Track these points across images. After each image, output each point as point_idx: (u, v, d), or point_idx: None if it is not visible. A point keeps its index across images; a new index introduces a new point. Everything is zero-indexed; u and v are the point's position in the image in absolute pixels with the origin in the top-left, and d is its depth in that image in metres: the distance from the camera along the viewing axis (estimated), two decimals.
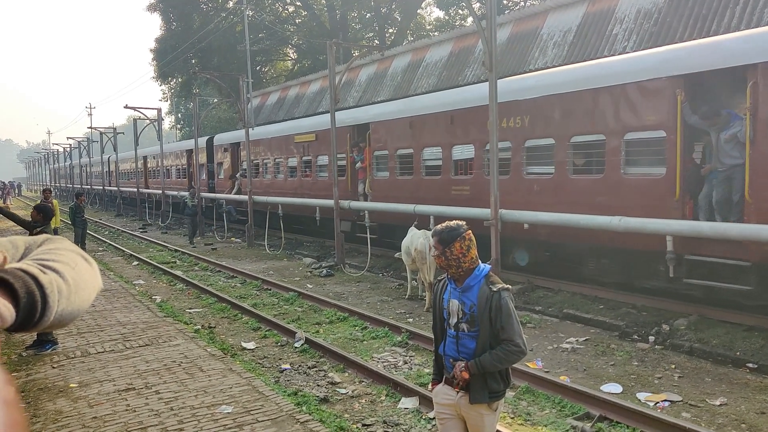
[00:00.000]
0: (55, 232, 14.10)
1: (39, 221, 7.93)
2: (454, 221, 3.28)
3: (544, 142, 10.21)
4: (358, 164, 15.27)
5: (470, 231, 3.22)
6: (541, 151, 10.31)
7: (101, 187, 42.87)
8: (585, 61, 12.66)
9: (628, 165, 8.94)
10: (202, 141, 26.08)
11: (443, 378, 3.33)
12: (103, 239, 21.40)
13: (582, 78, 9.65)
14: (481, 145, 11.19)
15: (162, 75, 42.88)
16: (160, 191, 28.20)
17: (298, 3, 40.17)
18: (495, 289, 3.10)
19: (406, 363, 7.16)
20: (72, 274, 1.02)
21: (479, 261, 3.23)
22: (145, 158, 34.80)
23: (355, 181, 15.67)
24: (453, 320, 3.20)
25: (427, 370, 6.64)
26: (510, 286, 3.22)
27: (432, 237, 3.28)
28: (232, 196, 22.06)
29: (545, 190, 10.15)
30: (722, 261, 7.74)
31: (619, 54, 12.76)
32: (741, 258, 7.58)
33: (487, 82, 9.73)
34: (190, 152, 26.66)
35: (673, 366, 6.83)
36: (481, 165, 11.31)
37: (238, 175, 22.29)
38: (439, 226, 3.27)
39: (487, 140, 10.77)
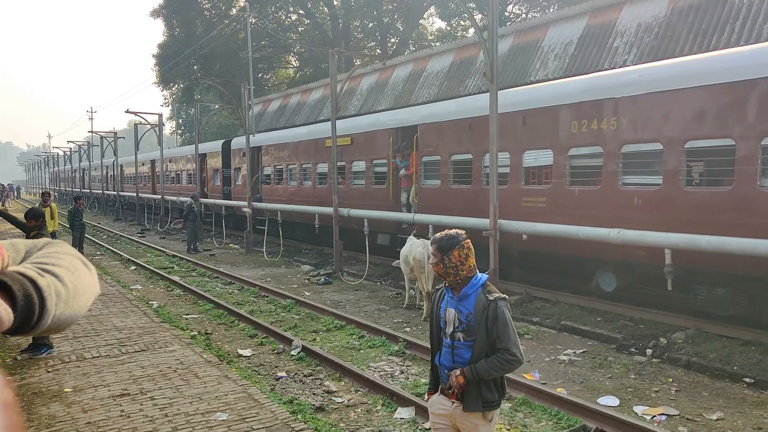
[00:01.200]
0: (53, 235, 14.07)
1: (35, 227, 7.87)
2: (453, 229, 3.31)
3: (649, 147, 8.77)
4: (402, 171, 13.57)
5: (469, 240, 3.24)
6: (644, 158, 8.89)
7: (105, 192, 41.65)
8: (586, 73, 12.70)
9: None
10: (218, 145, 24.66)
11: (439, 388, 3.33)
12: (102, 243, 21.38)
13: (704, 72, 8.17)
14: (562, 151, 9.83)
15: (164, 80, 43.05)
16: (162, 196, 28.09)
17: (301, 11, 40.39)
18: (491, 298, 3.11)
19: (402, 373, 7.14)
20: (71, 279, 1.02)
21: (477, 270, 3.24)
22: (153, 162, 33.11)
23: (397, 190, 14.03)
24: (449, 329, 3.21)
25: (423, 380, 6.62)
26: (507, 296, 3.23)
27: (431, 245, 3.31)
28: (230, 202, 22.03)
29: (649, 204, 8.68)
30: None
31: (620, 67, 12.82)
32: None
33: (581, 77, 9.06)
34: (203, 156, 25.64)
35: (671, 379, 6.82)
36: (563, 173, 9.81)
37: (255, 178, 20.84)
38: (438, 234, 3.30)
39: (572, 145, 9.71)
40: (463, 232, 3.29)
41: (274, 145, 20.16)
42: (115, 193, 37.33)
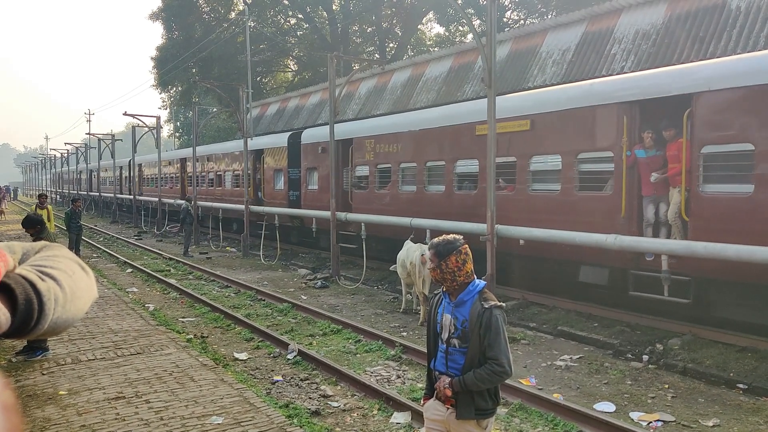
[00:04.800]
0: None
1: (35, 233, 7.85)
2: (451, 235, 3.29)
3: None
4: (655, 175, 8.57)
5: (467, 245, 3.22)
6: None
7: (117, 196, 36.58)
8: (584, 80, 12.69)
9: None
10: (282, 139, 19.66)
11: (434, 393, 3.32)
12: (98, 246, 21.33)
13: None
14: None
15: (162, 83, 43.04)
16: (159, 198, 27.95)
17: (300, 15, 40.46)
18: (487, 306, 3.09)
19: (399, 377, 7.13)
20: (69, 282, 1.01)
21: (474, 276, 3.23)
22: (183, 161, 28.38)
23: (633, 198, 8.87)
24: (445, 335, 3.20)
25: (420, 385, 6.61)
26: (503, 304, 3.21)
27: (429, 249, 3.29)
28: (228, 205, 21.96)
29: None
30: None
31: (618, 74, 12.87)
32: None
33: None
34: (258, 154, 20.91)
35: (667, 386, 6.82)
36: None
37: (348, 187, 15.93)
38: (436, 239, 3.28)
39: None
40: (461, 237, 3.26)
41: (376, 137, 14.67)
42: (132, 197, 33.05)
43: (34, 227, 7.86)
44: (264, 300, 11.87)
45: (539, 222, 9.83)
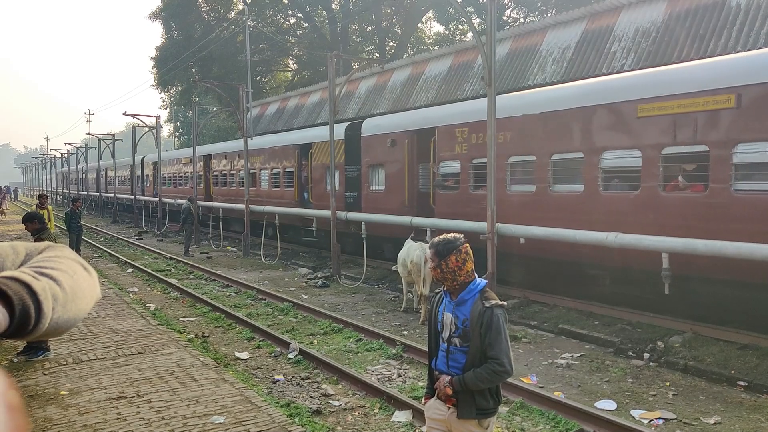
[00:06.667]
0: None
1: (36, 229, 7.91)
2: (451, 234, 3.27)
3: None
4: None
5: (467, 244, 3.21)
6: None
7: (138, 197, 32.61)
8: (584, 78, 12.68)
9: None
10: (338, 130, 15.87)
11: (435, 393, 3.32)
12: (98, 246, 21.34)
13: None
14: None
15: (162, 83, 43.00)
16: (159, 198, 27.93)
17: (300, 15, 40.45)
18: (488, 305, 3.07)
19: (400, 376, 7.14)
20: (69, 282, 1.01)
21: (475, 275, 3.22)
22: (207, 158, 25.13)
23: None
24: (446, 334, 3.19)
25: (421, 384, 6.62)
26: (504, 303, 3.19)
27: (429, 248, 3.27)
28: (228, 204, 21.96)
29: None
30: None
31: (618, 72, 12.85)
32: None
33: None
34: (306, 149, 18.26)
35: (668, 383, 6.82)
36: None
37: (427, 188, 13.51)
38: (436, 238, 3.27)
39: None
40: (462, 236, 3.25)
41: (471, 125, 11.87)
42: (149, 199, 30.32)
43: (32, 222, 7.92)
44: (265, 299, 11.88)
45: (756, 235, 7.27)
